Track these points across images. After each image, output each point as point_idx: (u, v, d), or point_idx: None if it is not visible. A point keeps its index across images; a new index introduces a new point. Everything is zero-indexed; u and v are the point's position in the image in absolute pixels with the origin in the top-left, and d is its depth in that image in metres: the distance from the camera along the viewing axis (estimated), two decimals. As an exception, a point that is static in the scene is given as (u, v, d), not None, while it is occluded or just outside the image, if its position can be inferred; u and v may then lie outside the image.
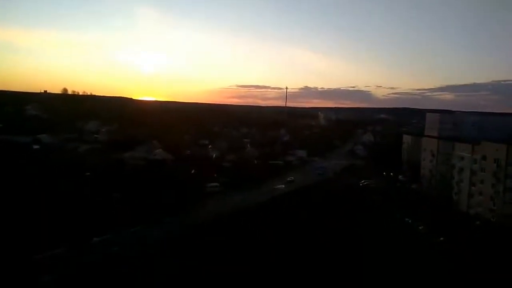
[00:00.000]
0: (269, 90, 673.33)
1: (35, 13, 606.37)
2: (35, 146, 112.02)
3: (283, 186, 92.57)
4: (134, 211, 59.76)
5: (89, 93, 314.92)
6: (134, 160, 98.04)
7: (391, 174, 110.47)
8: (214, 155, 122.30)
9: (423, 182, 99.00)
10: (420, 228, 63.93)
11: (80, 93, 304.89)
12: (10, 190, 61.01)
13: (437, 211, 74.10)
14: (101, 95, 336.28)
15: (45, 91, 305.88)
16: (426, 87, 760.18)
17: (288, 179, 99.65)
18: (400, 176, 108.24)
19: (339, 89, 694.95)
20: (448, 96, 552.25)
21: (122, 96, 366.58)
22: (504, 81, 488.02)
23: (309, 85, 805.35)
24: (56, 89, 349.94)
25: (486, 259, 49.08)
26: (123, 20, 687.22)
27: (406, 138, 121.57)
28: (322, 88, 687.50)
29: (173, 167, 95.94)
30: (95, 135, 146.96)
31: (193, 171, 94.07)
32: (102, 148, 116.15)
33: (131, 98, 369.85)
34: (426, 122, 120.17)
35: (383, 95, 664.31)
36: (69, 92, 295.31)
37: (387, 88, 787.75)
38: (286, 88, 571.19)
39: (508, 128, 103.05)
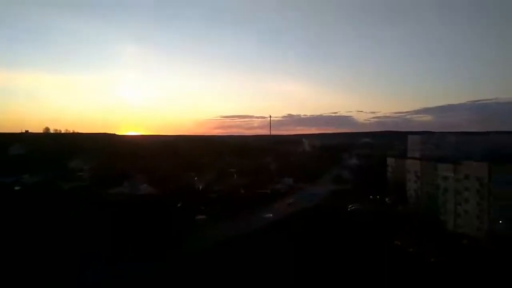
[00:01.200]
0: (253, 119, 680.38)
1: (11, 54, 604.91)
2: (17, 187, 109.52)
3: (271, 215, 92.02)
4: (114, 250, 58.12)
5: (71, 131, 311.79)
6: (118, 197, 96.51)
7: (378, 197, 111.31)
8: (200, 187, 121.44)
9: (410, 204, 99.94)
10: (410, 250, 64.03)
11: (63, 131, 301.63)
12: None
13: (426, 232, 74.49)
14: (84, 132, 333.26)
15: (27, 131, 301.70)
16: (405, 110, 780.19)
17: (277, 207, 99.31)
18: (386, 199, 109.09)
19: (321, 115, 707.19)
20: (427, 118, 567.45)
21: (106, 132, 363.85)
22: (478, 101, 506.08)
23: (292, 113, 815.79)
24: (38, 128, 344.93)
25: (475, 277, 49.43)
26: (104, 57, 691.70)
27: (390, 161, 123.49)
28: (305, 115, 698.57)
29: (158, 202, 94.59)
30: (79, 173, 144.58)
31: (179, 205, 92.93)
32: (85, 185, 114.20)
33: (114, 134, 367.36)
34: (408, 144, 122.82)
35: (365, 120, 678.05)
36: (51, 130, 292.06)
37: (368, 113, 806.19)
38: (270, 116, 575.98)
39: (485, 146, 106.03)
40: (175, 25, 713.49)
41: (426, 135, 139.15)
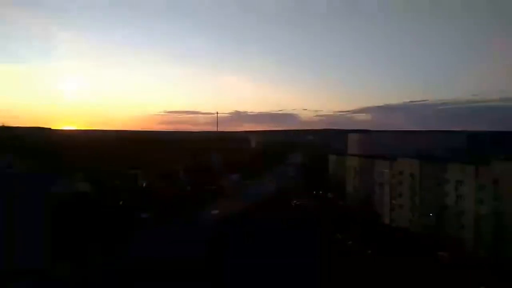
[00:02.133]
0: (199, 115, 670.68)
1: None
2: None
3: (217, 211, 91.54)
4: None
5: (1, 124, 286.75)
6: (50, 196, 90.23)
7: (321, 192, 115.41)
8: (144, 184, 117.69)
9: (349, 199, 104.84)
10: (349, 243, 67.25)
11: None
12: None
13: (364, 225, 78.62)
14: (17, 125, 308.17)
15: None
16: (346, 109, 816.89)
17: (223, 203, 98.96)
18: (328, 194, 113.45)
19: (268, 112, 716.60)
20: (365, 117, 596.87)
21: (40, 126, 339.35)
22: (414, 101, 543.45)
23: (239, 110, 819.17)
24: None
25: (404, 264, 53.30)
26: (42, 45, 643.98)
27: (332, 158, 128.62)
28: (252, 112, 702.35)
29: (96, 200, 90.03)
30: (9, 168, 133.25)
31: (121, 202, 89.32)
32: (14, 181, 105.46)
33: (49, 128, 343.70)
34: (348, 142, 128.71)
35: (309, 118, 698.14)
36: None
37: (312, 111, 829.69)
38: (217, 113, 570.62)
39: (418, 144, 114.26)
40: (120, 15, 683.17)
41: (365, 133, 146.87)
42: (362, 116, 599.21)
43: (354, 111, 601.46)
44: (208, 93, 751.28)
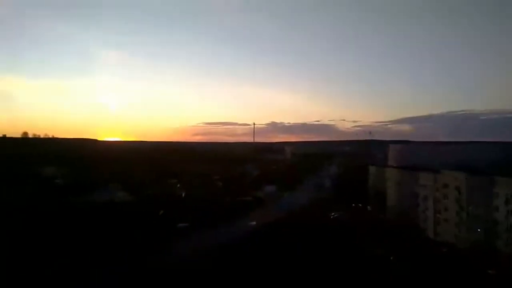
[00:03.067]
0: (237, 126, 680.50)
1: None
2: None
3: (254, 223, 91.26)
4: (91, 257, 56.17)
5: (51, 136, 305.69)
6: (94, 204, 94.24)
7: (360, 205, 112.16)
8: (182, 194, 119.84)
9: (390, 212, 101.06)
10: (391, 258, 64.43)
11: (42, 136, 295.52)
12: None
13: (406, 240, 75.25)
14: (64, 137, 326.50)
15: (4, 136, 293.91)
16: (386, 120, 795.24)
17: (259, 215, 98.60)
18: (368, 207, 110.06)
19: (305, 123, 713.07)
20: (406, 127, 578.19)
21: (87, 137, 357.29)
22: (454, 112, 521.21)
23: (275, 121, 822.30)
24: (16, 133, 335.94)
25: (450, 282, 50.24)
26: (86, 61, 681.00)
27: (371, 169, 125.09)
28: (288, 123, 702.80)
29: (137, 209, 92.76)
30: (55, 179, 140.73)
31: (161, 212, 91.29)
32: (59, 192, 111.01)
33: (95, 140, 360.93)
34: (388, 153, 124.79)
35: (347, 128, 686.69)
36: (30, 135, 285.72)
37: (350, 121, 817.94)
38: (254, 124, 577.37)
39: (462, 156, 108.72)
40: (158, 31, 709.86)
41: (405, 144, 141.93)
42: (402, 127, 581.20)
43: (394, 122, 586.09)
44: (245, 104, 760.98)
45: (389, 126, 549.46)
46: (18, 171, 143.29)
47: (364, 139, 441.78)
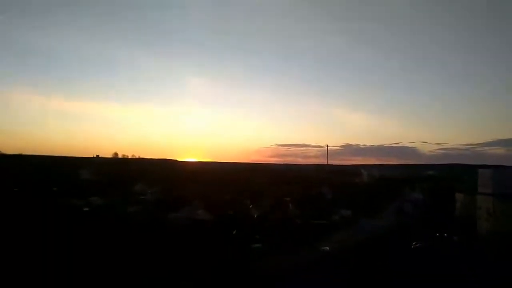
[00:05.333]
0: (310, 148, 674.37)
1: (85, 86, 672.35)
2: (85, 209, 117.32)
3: (328, 248, 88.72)
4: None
5: (137, 156, 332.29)
6: (176, 221, 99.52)
7: (445, 234, 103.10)
8: (255, 215, 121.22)
9: (481, 244, 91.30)
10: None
11: (130, 157, 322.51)
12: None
13: (500, 275, 67.15)
14: (149, 157, 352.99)
15: (97, 156, 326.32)
16: (476, 142, 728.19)
17: (333, 240, 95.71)
18: (454, 237, 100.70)
19: (382, 145, 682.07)
20: (500, 150, 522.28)
21: (168, 158, 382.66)
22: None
23: (350, 142, 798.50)
24: (108, 153, 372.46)
25: None
26: (168, 88, 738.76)
27: (459, 196, 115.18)
28: (364, 145, 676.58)
29: (214, 228, 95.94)
30: (142, 197, 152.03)
31: (234, 232, 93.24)
32: (147, 209, 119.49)
33: (175, 160, 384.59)
34: (478, 178, 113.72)
35: (430, 151, 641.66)
36: (120, 156, 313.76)
37: (434, 144, 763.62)
38: (327, 146, 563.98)
39: None
40: (236, 57, 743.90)
41: (499, 169, 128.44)
42: (494, 150, 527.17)
43: (485, 144, 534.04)
44: (318, 125, 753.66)
45: (479, 149, 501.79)
46: (114, 188, 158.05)
47: (449, 162, 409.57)
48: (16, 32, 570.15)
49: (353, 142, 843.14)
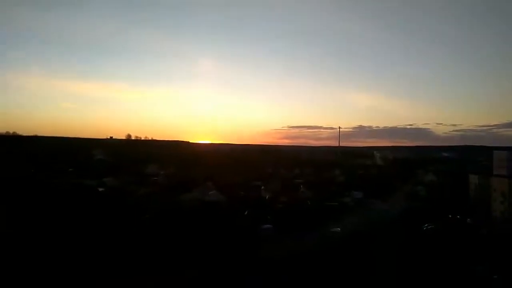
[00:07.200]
0: (322, 130, 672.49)
1: (101, 68, 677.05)
2: (100, 189, 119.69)
3: (339, 229, 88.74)
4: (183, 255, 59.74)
5: (150, 138, 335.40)
6: (188, 202, 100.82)
7: (458, 217, 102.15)
8: (267, 196, 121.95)
9: (495, 226, 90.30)
10: (495, 277, 57.50)
11: (142, 138, 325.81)
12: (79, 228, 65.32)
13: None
14: (161, 139, 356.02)
15: (111, 137, 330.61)
16: (492, 123, 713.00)
17: (344, 221, 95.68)
18: (468, 219, 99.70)
19: (395, 127, 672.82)
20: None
21: (180, 140, 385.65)
22: None
23: (363, 124, 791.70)
24: (121, 135, 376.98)
25: None
26: (181, 70, 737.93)
27: (473, 178, 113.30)
28: (377, 126, 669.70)
29: (226, 208, 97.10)
30: (154, 178, 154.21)
31: (246, 213, 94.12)
32: (160, 190, 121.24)
33: (188, 142, 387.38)
34: (493, 160, 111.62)
35: (444, 133, 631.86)
36: (133, 137, 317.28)
37: (449, 125, 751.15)
38: (339, 127, 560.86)
39: None
40: (247, 39, 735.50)
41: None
42: (510, 131, 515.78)
43: (500, 126, 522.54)
44: (331, 107, 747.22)
45: (494, 130, 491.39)
46: (128, 169, 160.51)
47: (464, 144, 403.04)
48: (28, 15, 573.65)
49: (365, 123, 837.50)
